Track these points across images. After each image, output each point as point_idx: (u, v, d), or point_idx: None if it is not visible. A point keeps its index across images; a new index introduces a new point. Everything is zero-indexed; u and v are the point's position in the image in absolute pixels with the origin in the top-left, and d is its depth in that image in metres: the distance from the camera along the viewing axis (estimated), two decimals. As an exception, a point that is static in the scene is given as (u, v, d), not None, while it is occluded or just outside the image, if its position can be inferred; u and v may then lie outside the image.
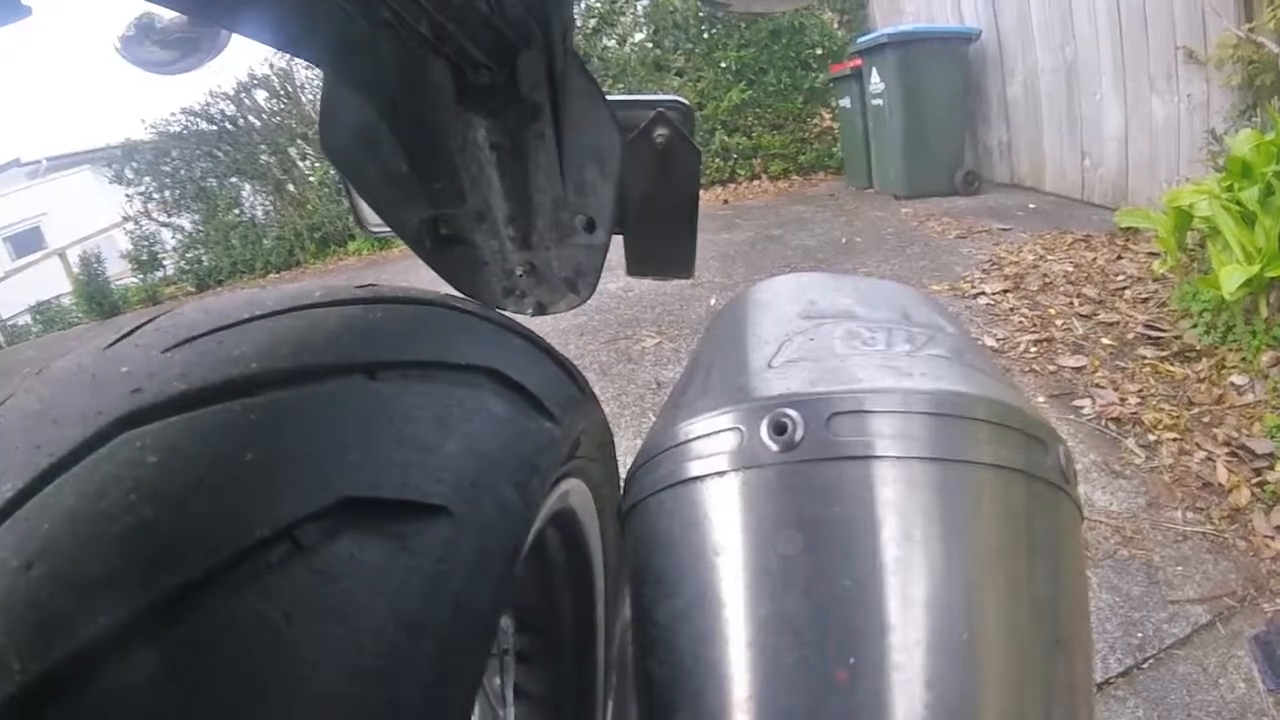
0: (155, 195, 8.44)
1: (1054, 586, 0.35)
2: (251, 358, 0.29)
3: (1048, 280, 3.33)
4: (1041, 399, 2.41)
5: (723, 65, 6.96)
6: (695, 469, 0.37)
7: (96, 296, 8.43)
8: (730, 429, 0.37)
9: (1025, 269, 3.51)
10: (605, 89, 0.57)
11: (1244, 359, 2.32)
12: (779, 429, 0.35)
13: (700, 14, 6.98)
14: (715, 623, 0.34)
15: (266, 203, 8.47)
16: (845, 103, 5.85)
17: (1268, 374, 2.22)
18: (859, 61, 5.37)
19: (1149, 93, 3.77)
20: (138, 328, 0.34)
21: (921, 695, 0.30)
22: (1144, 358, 2.53)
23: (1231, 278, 2.17)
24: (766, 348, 0.41)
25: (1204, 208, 2.40)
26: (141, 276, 8.63)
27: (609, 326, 3.69)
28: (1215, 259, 2.33)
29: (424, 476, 0.30)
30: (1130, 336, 2.70)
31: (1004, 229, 4.25)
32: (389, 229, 0.66)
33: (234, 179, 8.41)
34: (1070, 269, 3.40)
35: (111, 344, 0.32)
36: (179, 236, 8.52)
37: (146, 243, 8.51)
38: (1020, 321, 2.97)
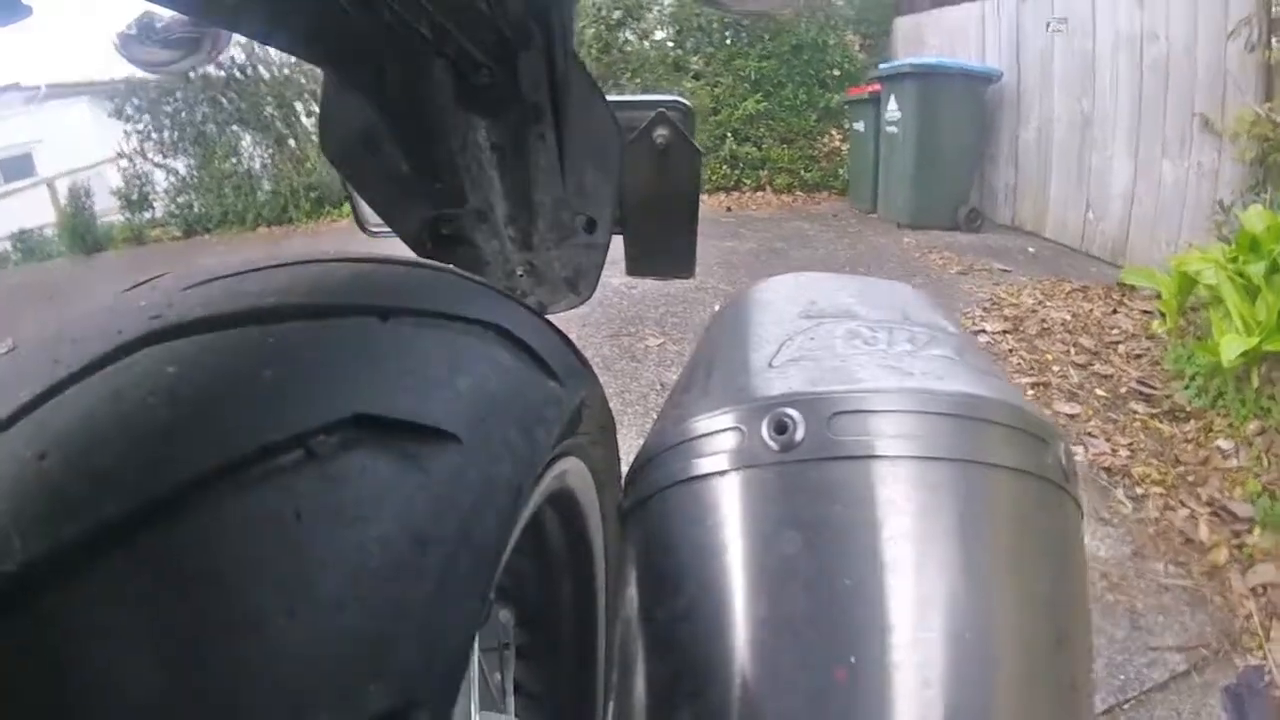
0: (153, 134, 8.28)
1: (1056, 585, 0.35)
2: (269, 294, 0.30)
3: (1045, 326, 3.42)
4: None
5: (742, 74, 6.99)
6: (696, 468, 0.37)
7: (81, 230, 8.25)
8: (731, 428, 0.37)
9: (1024, 312, 3.60)
10: (621, 83, 0.58)
11: (1231, 425, 2.42)
12: (780, 428, 0.35)
13: (725, 20, 7.01)
14: (715, 622, 0.34)
15: (265, 155, 8.34)
16: (859, 126, 5.91)
17: (1253, 442, 2.32)
18: (878, 87, 5.43)
19: (1160, 155, 3.89)
20: (154, 277, 0.34)
21: (922, 695, 0.30)
22: (1135, 412, 2.62)
23: (1231, 347, 2.26)
24: (767, 347, 0.41)
25: (1210, 276, 2.49)
26: (129, 215, 8.45)
27: (612, 321, 3.71)
28: (1216, 327, 2.42)
29: (436, 405, 0.30)
30: (1123, 390, 2.79)
31: (1004, 270, 4.35)
32: (390, 229, 0.65)
33: (235, 127, 8.28)
34: (1068, 317, 3.49)
35: (129, 289, 0.33)
36: (172, 179, 8.37)
37: (139, 182, 8.34)
38: (1019, 363, 3.05)
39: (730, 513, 0.35)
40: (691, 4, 7.10)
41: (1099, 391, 2.79)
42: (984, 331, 3.37)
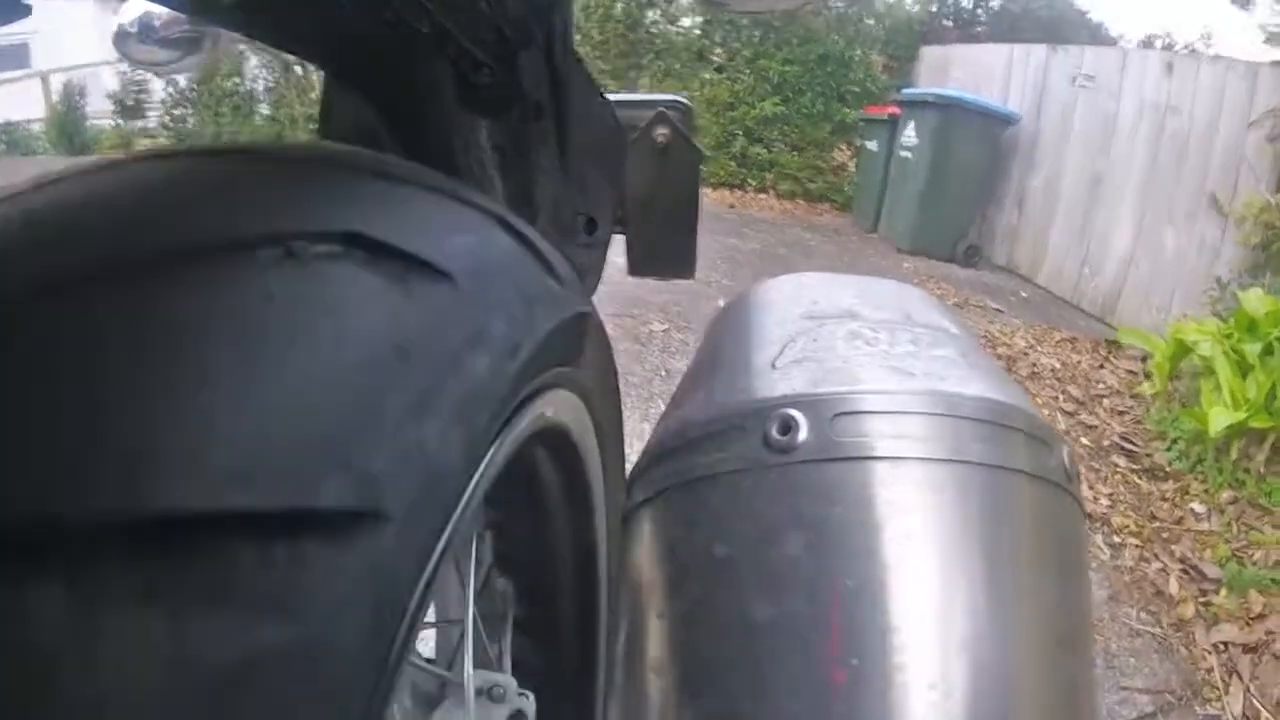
0: (157, 41, 8.02)
1: (1057, 587, 0.35)
2: (264, 142, 0.33)
3: (1036, 370, 3.55)
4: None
5: (764, 74, 7.01)
6: (699, 469, 0.37)
7: (70, 129, 7.98)
8: (734, 429, 0.37)
9: (1016, 354, 3.72)
10: (643, 64, 0.59)
11: (1207, 490, 2.57)
12: (782, 429, 0.35)
13: (758, 18, 7.02)
14: (718, 623, 0.34)
15: (270, 79, 8.14)
16: (871, 145, 5.98)
17: (1225, 509, 2.47)
18: (898, 110, 5.51)
19: (1165, 224, 4.04)
20: None
21: (925, 697, 0.30)
22: (1117, 465, 2.76)
23: (1219, 418, 2.40)
24: (770, 348, 0.41)
25: (1205, 348, 2.63)
26: (121, 121, 8.20)
27: (615, 300, 3.69)
28: (1206, 397, 2.56)
29: (432, 245, 0.29)
30: (1106, 443, 2.93)
31: (997, 309, 4.47)
32: None
33: (243, 47, 8.05)
34: (1058, 365, 3.63)
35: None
36: (170, 90, 8.13)
37: (135, 88, 8.10)
38: (1011, 404, 3.17)
39: (733, 514, 0.36)
40: (723, -3, 7.08)
41: (1084, 441, 2.93)
42: (979, 368, 3.48)
